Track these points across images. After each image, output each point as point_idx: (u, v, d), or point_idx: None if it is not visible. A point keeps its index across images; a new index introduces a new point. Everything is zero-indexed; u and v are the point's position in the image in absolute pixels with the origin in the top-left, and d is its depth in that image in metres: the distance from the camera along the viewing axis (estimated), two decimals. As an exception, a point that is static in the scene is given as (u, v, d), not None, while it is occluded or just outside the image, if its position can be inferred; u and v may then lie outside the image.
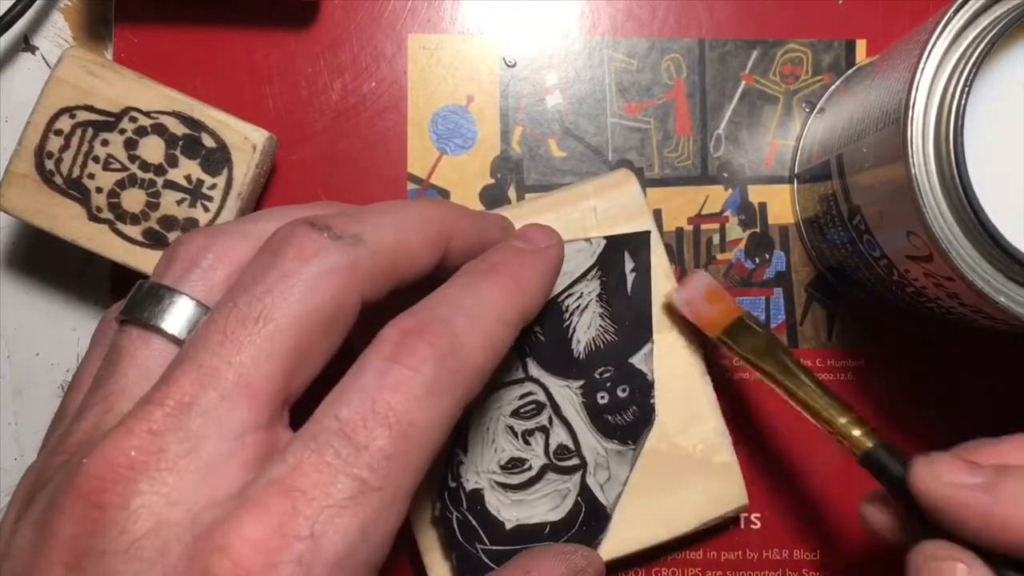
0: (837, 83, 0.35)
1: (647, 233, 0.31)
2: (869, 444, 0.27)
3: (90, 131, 0.32)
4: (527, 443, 0.31)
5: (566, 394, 0.31)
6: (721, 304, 0.31)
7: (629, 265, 0.31)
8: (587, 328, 0.31)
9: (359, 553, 0.20)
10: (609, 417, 0.31)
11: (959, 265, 0.25)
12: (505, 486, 0.31)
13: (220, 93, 0.35)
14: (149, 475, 0.19)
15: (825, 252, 0.34)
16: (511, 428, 0.31)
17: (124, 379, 0.22)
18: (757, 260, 0.36)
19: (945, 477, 0.24)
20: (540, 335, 0.31)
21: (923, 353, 0.35)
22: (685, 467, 0.31)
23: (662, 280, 0.32)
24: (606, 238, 0.31)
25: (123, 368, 0.22)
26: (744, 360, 0.30)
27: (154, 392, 0.21)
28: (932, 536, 0.25)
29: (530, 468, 0.31)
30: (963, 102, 0.24)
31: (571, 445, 0.31)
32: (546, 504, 0.31)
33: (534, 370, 0.31)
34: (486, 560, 0.30)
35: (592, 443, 0.31)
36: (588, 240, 0.31)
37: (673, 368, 0.31)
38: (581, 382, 0.31)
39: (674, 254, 0.36)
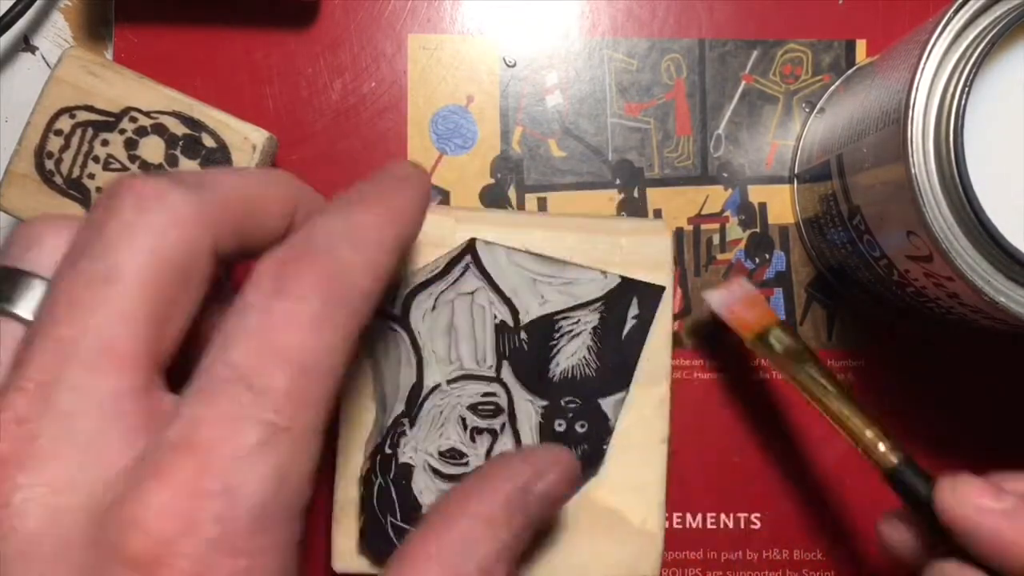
0: (837, 83, 0.35)
1: (662, 288, 0.31)
2: (894, 461, 0.27)
3: (90, 131, 0.32)
4: (473, 440, 0.31)
5: (527, 408, 0.31)
6: (758, 309, 0.31)
7: (633, 311, 0.31)
8: (571, 355, 0.31)
9: (279, 499, 0.18)
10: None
11: (959, 265, 0.25)
12: (436, 472, 0.30)
13: (220, 93, 0.35)
14: (26, 466, 0.18)
15: (825, 252, 0.34)
16: (463, 420, 0.30)
17: None
18: (757, 260, 0.36)
19: (970, 499, 0.24)
20: (525, 344, 0.31)
21: (923, 353, 0.35)
22: (612, 523, 0.31)
23: (659, 338, 0.31)
24: (621, 278, 0.31)
25: None
26: (775, 366, 0.30)
27: (11, 377, 0.19)
28: (950, 557, 0.25)
29: (467, 464, 0.30)
30: (963, 102, 0.24)
31: None
32: None
33: (506, 374, 0.31)
34: (391, 534, 0.30)
35: None
36: (604, 273, 0.31)
37: (638, 425, 0.31)
38: (545, 403, 0.31)
39: (674, 255, 0.36)
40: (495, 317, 0.30)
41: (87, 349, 0.18)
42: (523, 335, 0.31)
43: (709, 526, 0.35)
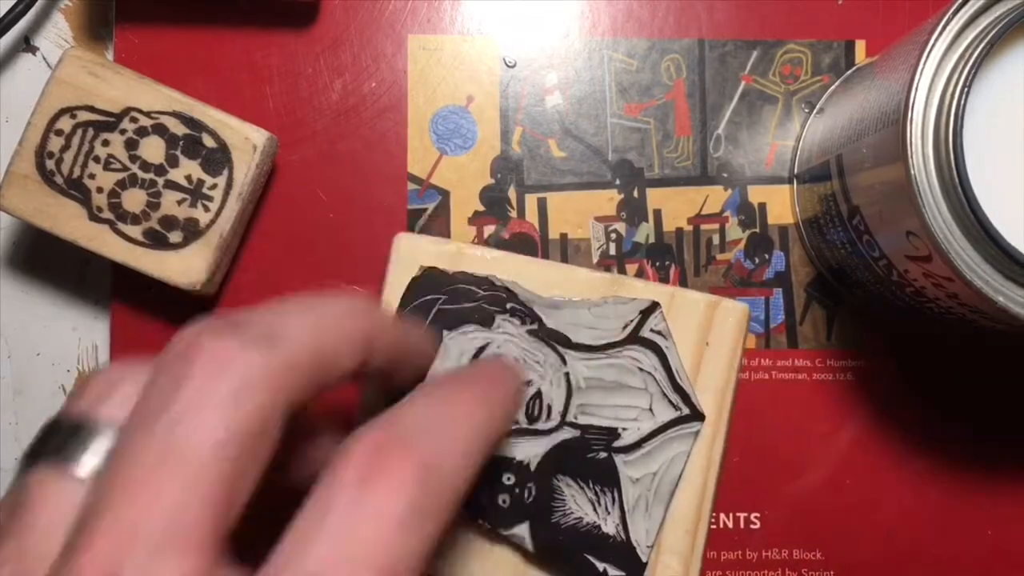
0: (837, 83, 0.35)
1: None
2: None
3: (91, 131, 0.32)
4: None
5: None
6: None
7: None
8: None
9: None
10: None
11: (958, 265, 0.25)
12: None
13: (220, 93, 0.35)
14: None
15: (825, 252, 0.34)
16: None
17: (31, 535, 0.19)
18: (757, 260, 0.36)
19: None
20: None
21: (923, 353, 0.35)
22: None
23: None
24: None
25: (28, 520, 0.19)
26: None
27: (70, 557, 0.17)
28: None
29: None
30: (962, 102, 0.24)
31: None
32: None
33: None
34: None
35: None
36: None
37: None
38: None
39: (674, 254, 0.36)
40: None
41: (153, 532, 0.17)
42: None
43: (709, 526, 0.35)
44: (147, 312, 0.35)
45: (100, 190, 0.32)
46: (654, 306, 0.30)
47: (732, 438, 0.35)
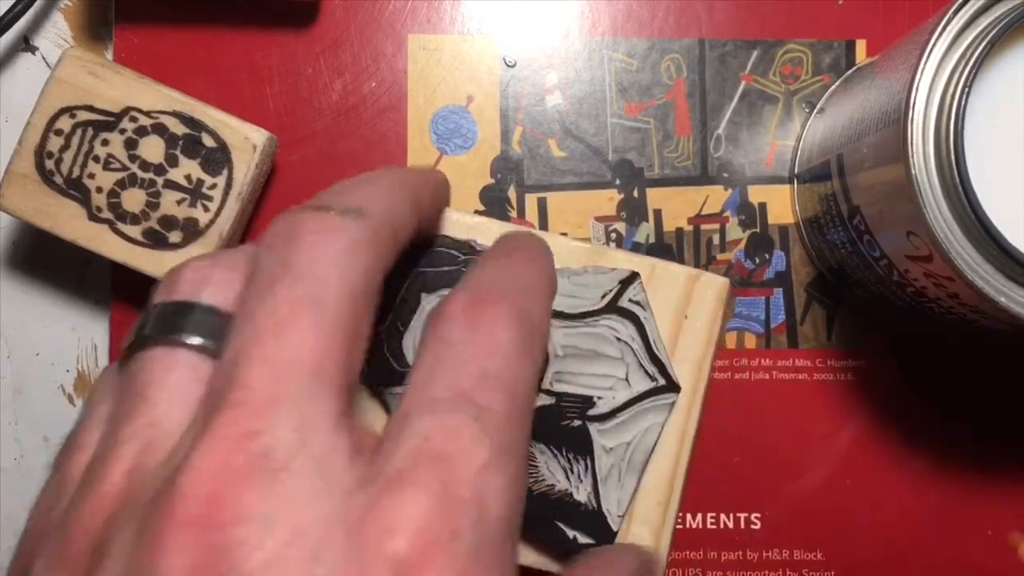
0: (837, 83, 0.35)
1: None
2: None
3: (90, 131, 0.32)
4: None
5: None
6: None
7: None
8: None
9: (516, 513, 0.19)
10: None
11: (959, 265, 0.25)
12: None
13: (220, 93, 0.35)
14: (265, 480, 0.17)
15: (825, 252, 0.34)
16: None
17: (156, 408, 0.19)
18: (757, 260, 0.36)
19: None
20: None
21: (923, 353, 0.35)
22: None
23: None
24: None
25: (151, 395, 0.19)
26: None
27: (224, 396, 0.18)
28: None
29: None
30: (963, 102, 0.24)
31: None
32: None
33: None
34: None
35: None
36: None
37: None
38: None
39: (674, 254, 0.36)
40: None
41: (301, 370, 0.18)
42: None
43: (709, 526, 0.35)
44: (147, 312, 0.35)
45: (99, 190, 0.32)
46: (633, 276, 0.29)
47: (732, 438, 0.35)
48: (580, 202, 0.36)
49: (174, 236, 0.32)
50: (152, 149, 0.32)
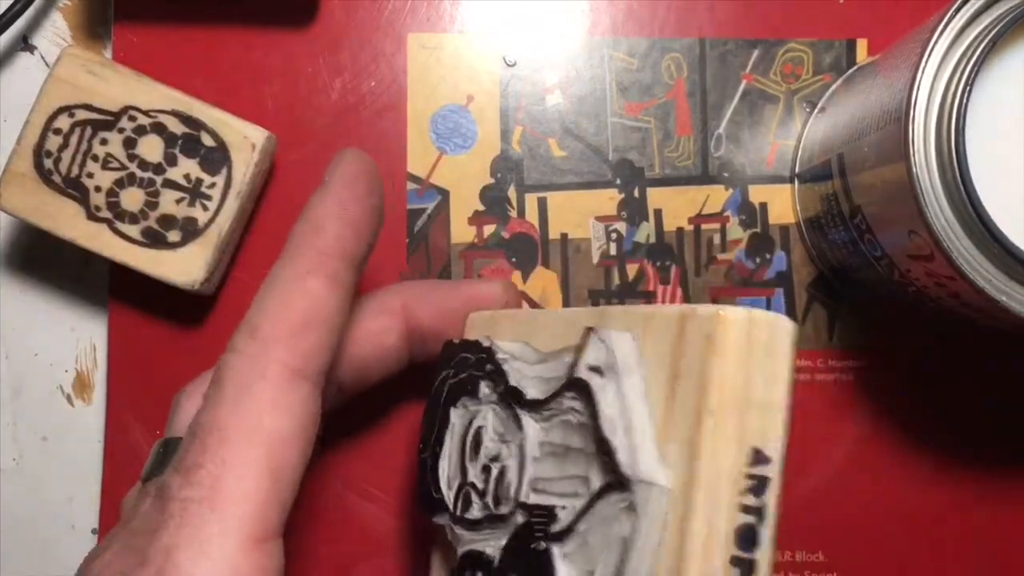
0: (838, 82, 0.35)
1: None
2: None
3: (89, 130, 0.32)
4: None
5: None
6: None
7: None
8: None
9: None
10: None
11: (960, 264, 0.24)
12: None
13: (220, 92, 0.35)
14: None
15: (826, 252, 0.34)
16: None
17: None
18: (758, 260, 0.36)
19: None
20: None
21: (924, 353, 0.35)
22: None
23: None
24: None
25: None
26: None
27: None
28: None
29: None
30: (964, 101, 0.24)
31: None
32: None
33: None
34: None
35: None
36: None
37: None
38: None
39: (675, 254, 0.35)
40: None
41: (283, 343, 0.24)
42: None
43: (709, 527, 0.35)
44: (146, 312, 0.35)
45: (98, 189, 0.32)
46: (587, 333, 0.22)
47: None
48: (580, 202, 0.35)
49: (173, 235, 0.32)
50: (151, 148, 0.32)
